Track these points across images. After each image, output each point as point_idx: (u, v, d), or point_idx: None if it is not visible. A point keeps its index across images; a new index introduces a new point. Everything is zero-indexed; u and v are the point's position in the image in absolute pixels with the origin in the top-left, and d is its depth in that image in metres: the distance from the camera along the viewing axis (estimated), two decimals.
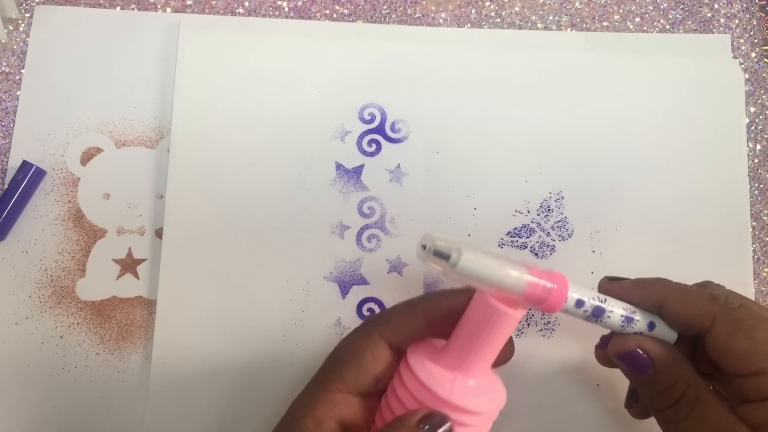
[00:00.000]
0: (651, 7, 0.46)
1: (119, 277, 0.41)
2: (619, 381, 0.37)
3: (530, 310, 0.40)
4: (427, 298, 0.31)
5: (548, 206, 0.42)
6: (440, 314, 0.29)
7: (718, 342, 0.29)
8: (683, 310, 0.30)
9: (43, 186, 0.42)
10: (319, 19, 0.45)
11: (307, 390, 0.30)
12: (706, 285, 0.33)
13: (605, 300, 0.30)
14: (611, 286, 0.33)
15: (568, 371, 0.40)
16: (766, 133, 0.44)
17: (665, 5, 0.46)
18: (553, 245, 0.41)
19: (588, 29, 0.45)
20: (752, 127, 0.44)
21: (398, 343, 0.30)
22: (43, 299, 0.40)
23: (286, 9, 0.45)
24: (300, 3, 0.45)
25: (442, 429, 0.27)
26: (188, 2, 0.45)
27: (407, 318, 0.30)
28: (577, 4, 0.46)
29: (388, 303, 0.40)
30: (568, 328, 0.40)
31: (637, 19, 0.46)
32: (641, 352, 0.30)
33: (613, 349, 0.31)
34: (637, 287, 0.32)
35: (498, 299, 0.28)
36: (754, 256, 0.42)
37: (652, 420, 0.32)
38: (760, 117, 0.44)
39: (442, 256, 0.27)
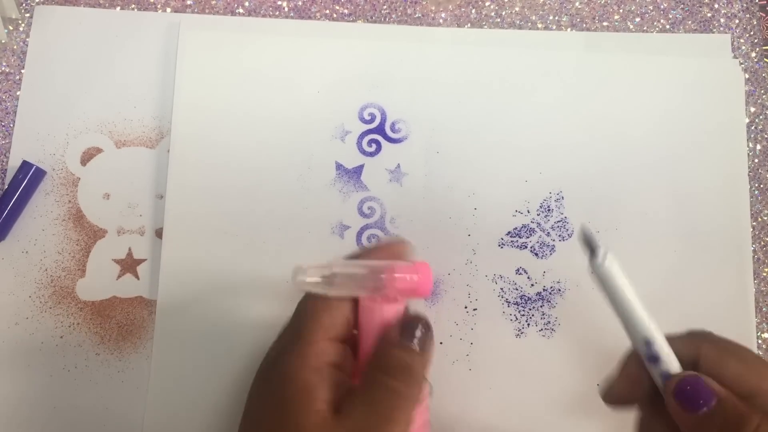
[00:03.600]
0: (651, 7, 0.46)
1: (119, 277, 0.41)
2: None
3: (531, 309, 0.41)
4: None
5: (548, 206, 0.42)
6: None
7: (707, 369, 0.29)
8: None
9: (43, 186, 0.42)
10: (319, 19, 0.45)
11: (287, 347, 0.29)
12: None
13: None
14: None
15: (568, 371, 0.40)
16: (766, 133, 0.44)
17: (665, 5, 0.46)
18: (553, 245, 0.41)
19: (588, 29, 0.45)
20: (752, 127, 0.44)
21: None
22: (43, 299, 0.40)
23: (286, 9, 0.45)
24: (300, 3, 0.45)
25: (419, 330, 0.29)
26: (188, 2, 0.45)
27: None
28: (577, 4, 0.46)
29: None
30: (568, 328, 0.40)
31: (637, 19, 0.46)
32: (704, 385, 0.28)
33: (670, 387, 0.29)
34: None
35: (375, 301, 0.30)
36: (754, 256, 0.42)
37: None
38: (760, 117, 0.44)
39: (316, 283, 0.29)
